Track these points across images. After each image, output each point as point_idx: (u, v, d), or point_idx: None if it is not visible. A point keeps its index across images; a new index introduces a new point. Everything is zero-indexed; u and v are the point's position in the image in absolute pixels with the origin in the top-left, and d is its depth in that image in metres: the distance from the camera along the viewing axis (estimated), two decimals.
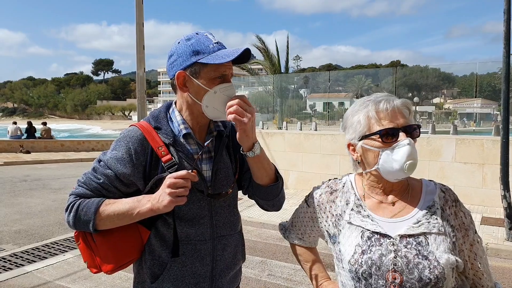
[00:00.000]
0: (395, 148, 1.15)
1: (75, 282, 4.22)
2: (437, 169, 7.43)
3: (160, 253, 1.37)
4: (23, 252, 5.10)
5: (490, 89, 20.83)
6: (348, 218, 1.24)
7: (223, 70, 1.33)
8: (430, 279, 1.10)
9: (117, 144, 1.35)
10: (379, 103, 1.20)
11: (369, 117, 1.19)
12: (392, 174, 1.17)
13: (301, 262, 1.53)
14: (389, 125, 1.17)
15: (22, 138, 18.28)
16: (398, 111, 1.19)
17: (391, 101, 1.19)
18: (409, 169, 1.14)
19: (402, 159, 1.13)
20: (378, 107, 1.19)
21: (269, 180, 1.42)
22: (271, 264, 4.78)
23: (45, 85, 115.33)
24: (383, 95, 1.23)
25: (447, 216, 1.19)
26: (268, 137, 9.55)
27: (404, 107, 1.21)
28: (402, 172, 1.14)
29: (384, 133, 1.16)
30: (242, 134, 1.29)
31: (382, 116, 1.18)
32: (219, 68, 1.32)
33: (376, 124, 1.18)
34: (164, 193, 1.21)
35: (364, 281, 1.16)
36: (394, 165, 1.14)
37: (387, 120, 1.18)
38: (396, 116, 1.18)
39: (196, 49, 1.32)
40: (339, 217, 1.28)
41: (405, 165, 1.13)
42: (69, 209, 1.32)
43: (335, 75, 19.52)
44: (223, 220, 1.44)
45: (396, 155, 1.14)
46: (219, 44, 1.34)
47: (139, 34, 7.10)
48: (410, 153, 1.13)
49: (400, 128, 1.17)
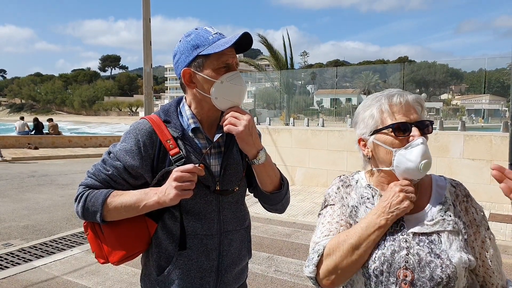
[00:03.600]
0: (409, 148, 1.13)
1: (82, 277, 4.26)
2: (445, 165, 7.37)
3: (167, 246, 1.38)
4: (31, 247, 5.15)
5: (498, 85, 20.55)
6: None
7: (226, 59, 1.32)
8: (442, 278, 1.07)
9: (126, 136, 1.36)
10: (392, 97, 1.18)
11: (382, 110, 1.18)
12: (408, 174, 1.15)
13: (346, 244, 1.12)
14: (402, 119, 1.15)
15: (30, 134, 18.45)
16: (411, 106, 1.18)
17: (404, 96, 1.18)
18: (425, 169, 1.12)
19: (417, 159, 1.11)
20: (391, 101, 1.18)
21: (273, 187, 1.43)
22: (277, 260, 4.77)
23: (53, 81, 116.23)
24: (396, 90, 1.21)
25: (458, 212, 1.17)
26: (275, 133, 9.53)
27: (416, 103, 1.19)
28: (418, 172, 1.12)
29: (397, 127, 1.15)
30: (242, 143, 1.30)
31: (395, 109, 1.17)
32: (221, 57, 1.32)
33: (389, 117, 1.17)
34: (171, 186, 1.21)
35: (375, 278, 1.14)
36: (409, 165, 1.12)
37: (401, 114, 1.16)
38: (410, 111, 1.17)
39: (196, 43, 1.33)
40: (356, 208, 1.25)
41: (420, 164, 1.11)
42: (78, 199, 1.35)
43: (343, 71, 19.38)
44: (231, 216, 1.44)
45: (410, 155, 1.12)
46: (219, 34, 1.35)
47: (146, 30, 7.11)
48: (425, 152, 1.11)
49: (413, 123, 1.15)
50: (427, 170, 1.13)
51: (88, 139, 20.09)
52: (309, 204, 7.54)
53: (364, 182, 1.29)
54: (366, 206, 1.23)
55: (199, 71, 1.33)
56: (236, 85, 1.33)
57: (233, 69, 1.35)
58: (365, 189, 1.27)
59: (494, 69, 18.12)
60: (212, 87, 1.32)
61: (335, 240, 1.15)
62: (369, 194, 1.25)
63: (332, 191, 1.31)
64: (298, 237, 5.66)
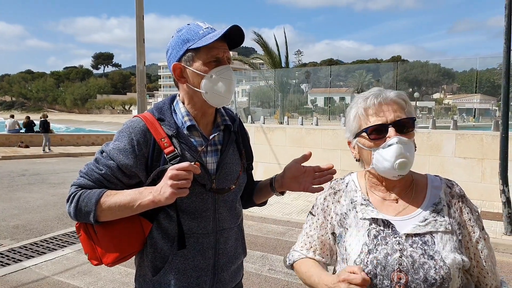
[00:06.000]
0: (385, 147, 1.12)
1: (74, 277, 4.21)
2: (437, 164, 7.43)
3: (162, 246, 1.36)
4: (21, 247, 5.09)
5: (489, 85, 20.78)
6: (362, 215, 1.21)
7: (216, 53, 1.31)
8: (436, 280, 1.07)
9: (119, 135, 1.34)
10: (367, 99, 1.17)
11: (358, 114, 1.18)
12: (387, 173, 1.15)
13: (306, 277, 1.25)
14: (377, 121, 1.14)
15: (20, 132, 18.23)
16: (390, 105, 1.16)
17: (379, 96, 1.16)
18: (400, 168, 1.11)
19: (391, 158, 1.11)
20: (366, 104, 1.17)
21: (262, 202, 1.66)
22: (271, 259, 4.77)
23: (44, 78, 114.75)
24: (374, 89, 1.20)
25: (453, 212, 1.16)
26: (270, 132, 9.52)
27: (399, 99, 1.17)
28: (394, 170, 1.12)
29: (371, 131, 1.14)
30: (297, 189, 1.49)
31: (370, 112, 1.16)
32: (211, 51, 1.30)
33: (364, 121, 1.17)
34: (166, 185, 1.19)
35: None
36: (386, 164, 1.12)
37: (375, 116, 1.15)
38: (385, 111, 1.15)
39: (186, 37, 1.32)
40: (345, 215, 1.25)
41: (395, 164, 1.11)
42: (70, 200, 1.32)
43: (336, 70, 19.45)
44: (226, 214, 1.42)
45: (386, 154, 1.12)
46: (210, 28, 1.33)
47: (139, 28, 7.04)
48: (399, 152, 1.10)
49: (389, 123, 1.13)
50: (404, 168, 1.12)
51: (80, 137, 19.92)
52: (302, 202, 7.55)
53: (353, 184, 1.29)
54: (356, 211, 1.23)
55: (189, 65, 1.32)
56: (225, 79, 1.32)
57: (224, 63, 1.33)
58: (355, 192, 1.27)
59: (485, 69, 18.33)
60: (202, 82, 1.31)
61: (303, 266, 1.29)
62: (359, 197, 1.25)
63: (319, 201, 1.35)
64: (292, 236, 5.66)
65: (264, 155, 9.29)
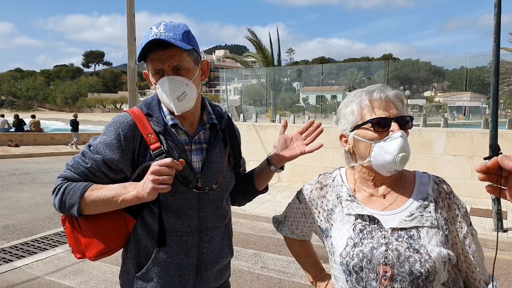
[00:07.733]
0: (387, 140, 1.14)
1: (65, 277, 4.18)
2: (428, 161, 7.50)
3: (146, 243, 1.36)
4: (11, 247, 5.03)
5: (479, 83, 21.01)
6: (347, 211, 1.23)
7: (155, 65, 1.29)
8: (421, 273, 1.09)
9: (107, 129, 1.34)
10: (372, 92, 1.19)
11: (362, 106, 1.19)
12: (384, 167, 1.16)
13: (295, 255, 1.53)
14: (382, 114, 1.17)
15: (10, 131, 18.00)
16: (392, 102, 1.19)
17: (385, 91, 1.19)
18: (401, 162, 1.13)
19: (394, 151, 1.12)
20: (371, 96, 1.19)
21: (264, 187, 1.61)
22: (264, 257, 4.79)
23: (34, 77, 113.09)
24: (377, 85, 1.22)
25: (440, 208, 1.18)
26: (262, 130, 9.53)
27: (397, 99, 1.20)
28: (395, 164, 1.13)
29: (377, 122, 1.16)
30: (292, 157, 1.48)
31: (375, 105, 1.18)
32: (152, 63, 1.30)
33: (369, 113, 1.18)
34: (148, 180, 1.19)
35: (355, 275, 1.15)
36: (387, 157, 1.13)
37: (381, 109, 1.17)
38: (390, 106, 1.18)
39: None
40: (331, 211, 1.27)
41: (397, 157, 1.12)
42: (55, 192, 1.33)
43: (328, 68, 19.52)
44: (211, 213, 1.42)
45: (388, 147, 1.13)
46: (157, 34, 1.26)
47: (130, 26, 7.00)
48: (403, 146, 1.13)
49: (393, 118, 1.16)
50: (404, 163, 1.14)
51: (71, 136, 19.71)
52: None
53: (340, 179, 1.31)
54: (342, 206, 1.25)
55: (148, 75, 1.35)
56: (166, 90, 1.28)
57: (166, 73, 1.28)
58: (341, 187, 1.28)
59: (475, 67, 18.51)
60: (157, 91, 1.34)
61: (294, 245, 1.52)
62: (344, 192, 1.26)
63: (306, 190, 1.39)
64: None
65: (257, 153, 9.29)
